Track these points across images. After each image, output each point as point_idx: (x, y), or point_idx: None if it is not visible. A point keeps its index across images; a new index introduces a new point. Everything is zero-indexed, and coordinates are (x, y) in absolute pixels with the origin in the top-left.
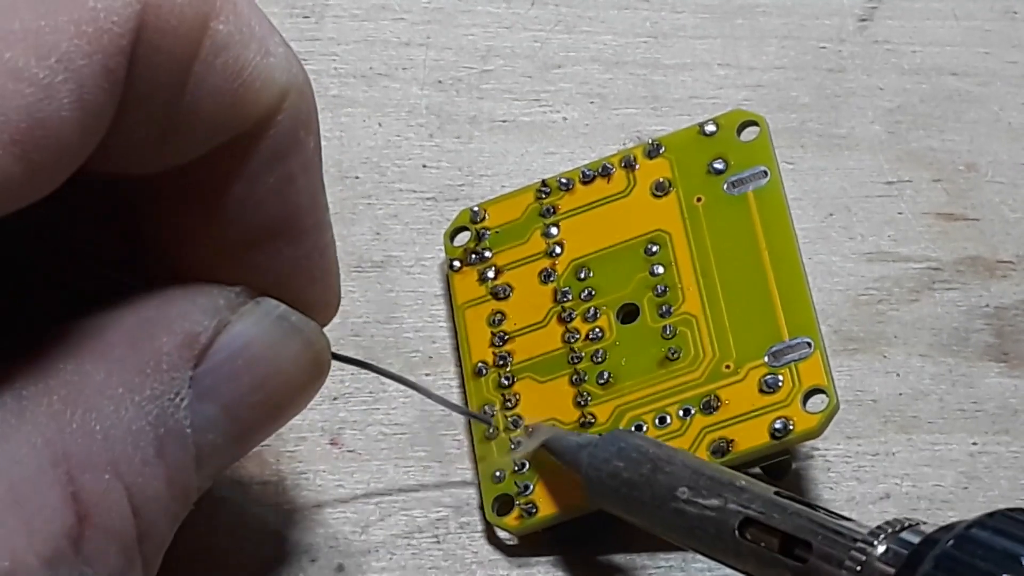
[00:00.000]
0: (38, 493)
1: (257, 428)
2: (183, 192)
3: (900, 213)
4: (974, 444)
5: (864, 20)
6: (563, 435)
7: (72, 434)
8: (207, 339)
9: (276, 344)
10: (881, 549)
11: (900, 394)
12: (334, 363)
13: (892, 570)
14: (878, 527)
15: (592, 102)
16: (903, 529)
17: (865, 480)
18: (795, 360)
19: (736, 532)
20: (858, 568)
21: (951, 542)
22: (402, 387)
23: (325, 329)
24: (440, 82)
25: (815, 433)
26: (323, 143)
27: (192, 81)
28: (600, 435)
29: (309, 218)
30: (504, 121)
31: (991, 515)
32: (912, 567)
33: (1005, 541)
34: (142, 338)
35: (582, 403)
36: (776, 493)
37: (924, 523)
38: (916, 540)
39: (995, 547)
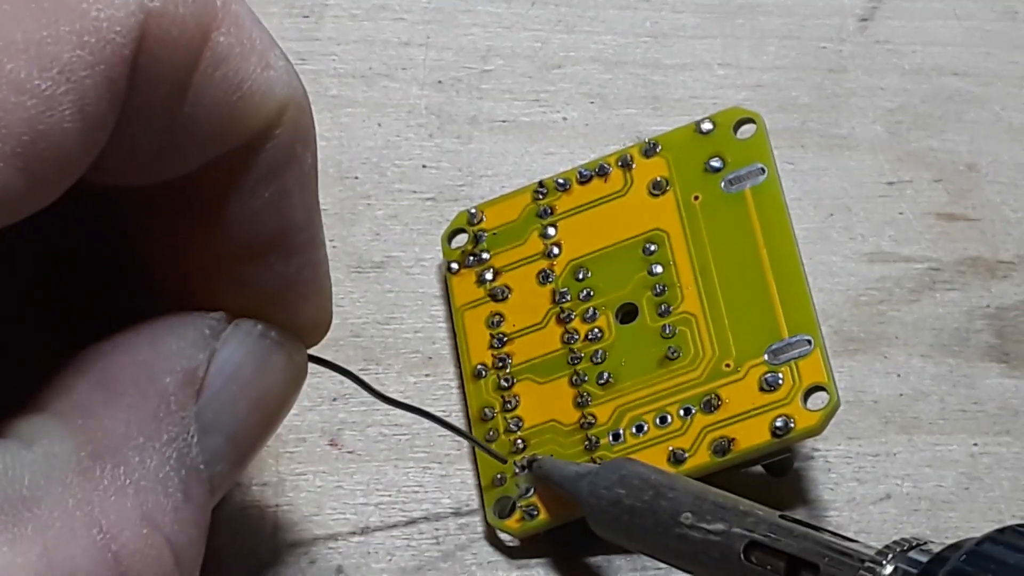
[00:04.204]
0: (74, 558)
1: (255, 448)
2: (179, 204)
3: (901, 213)
4: (975, 445)
5: (864, 20)
6: (562, 465)
7: (105, 491)
8: (204, 372)
9: (263, 363)
10: (889, 569)
11: (901, 395)
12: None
13: None
14: (886, 547)
15: (592, 102)
16: (911, 548)
17: (866, 481)
18: (795, 358)
19: (742, 556)
20: None
21: (963, 558)
22: (401, 387)
23: None
24: (440, 82)
25: (816, 430)
26: (323, 143)
27: (192, 92)
28: (600, 463)
29: (303, 234)
30: (504, 121)
31: (1001, 531)
32: None
33: (1017, 555)
34: (147, 381)
35: (582, 404)
36: (781, 516)
37: (932, 542)
38: (925, 559)
39: (1007, 561)
